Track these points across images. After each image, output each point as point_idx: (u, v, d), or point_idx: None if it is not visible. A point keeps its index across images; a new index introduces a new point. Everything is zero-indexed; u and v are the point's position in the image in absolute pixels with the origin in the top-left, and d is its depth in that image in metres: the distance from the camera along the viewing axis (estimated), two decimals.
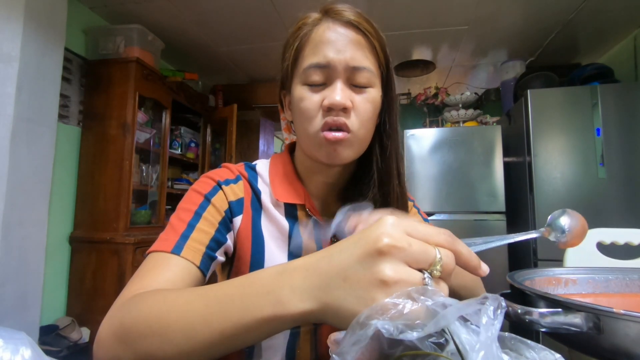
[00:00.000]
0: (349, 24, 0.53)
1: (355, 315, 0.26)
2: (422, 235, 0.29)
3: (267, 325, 0.31)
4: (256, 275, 0.34)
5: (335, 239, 0.55)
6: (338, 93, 0.50)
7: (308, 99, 0.53)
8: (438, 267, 0.28)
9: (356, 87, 0.53)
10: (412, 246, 0.28)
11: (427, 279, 0.28)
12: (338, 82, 0.51)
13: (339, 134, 0.51)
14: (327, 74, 0.52)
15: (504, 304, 0.26)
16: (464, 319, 0.26)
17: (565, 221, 0.44)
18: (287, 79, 0.58)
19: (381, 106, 0.57)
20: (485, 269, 0.32)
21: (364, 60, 0.52)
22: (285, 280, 0.31)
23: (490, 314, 0.25)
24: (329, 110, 0.51)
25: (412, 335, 0.25)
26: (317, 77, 0.52)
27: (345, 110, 0.51)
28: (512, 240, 0.42)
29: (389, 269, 0.27)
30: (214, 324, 0.32)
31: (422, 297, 0.26)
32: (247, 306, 0.32)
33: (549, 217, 0.46)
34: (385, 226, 0.29)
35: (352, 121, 0.52)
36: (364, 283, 0.27)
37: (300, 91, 0.54)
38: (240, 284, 0.34)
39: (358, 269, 0.28)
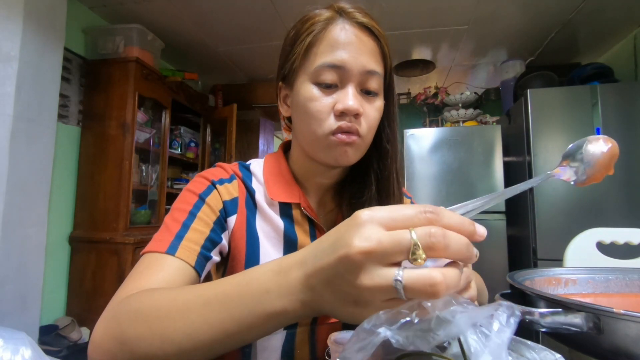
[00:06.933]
0: (364, 27, 0.53)
1: (352, 294, 0.27)
2: (400, 222, 0.26)
3: (269, 321, 0.31)
4: (252, 273, 0.33)
5: None
6: (351, 98, 0.51)
7: (318, 100, 0.52)
8: (420, 252, 0.25)
9: (366, 94, 0.54)
10: (382, 242, 0.25)
11: (398, 277, 0.25)
12: (350, 87, 0.52)
13: (352, 137, 0.52)
14: (341, 76, 0.52)
15: (518, 312, 0.25)
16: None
17: (588, 151, 0.37)
18: (291, 73, 0.57)
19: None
20: (481, 232, 0.28)
21: (377, 66, 0.53)
22: (281, 279, 0.31)
23: (503, 320, 0.24)
24: (342, 114, 0.51)
25: (423, 346, 0.24)
26: (329, 77, 0.52)
27: (356, 116, 0.52)
28: (510, 194, 0.35)
29: (364, 278, 0.26)
30: (216, 322, 0.32)
31: (432, 306, 0.25)
32: (247, 304, 0.32)
33: (570, 146, 0.39)
34: (356, 228, 0.27)
35: (362, 127, 0.53)
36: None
37: (309, 90, 0.53)
38: (237, 283, 0.33)
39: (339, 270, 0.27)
